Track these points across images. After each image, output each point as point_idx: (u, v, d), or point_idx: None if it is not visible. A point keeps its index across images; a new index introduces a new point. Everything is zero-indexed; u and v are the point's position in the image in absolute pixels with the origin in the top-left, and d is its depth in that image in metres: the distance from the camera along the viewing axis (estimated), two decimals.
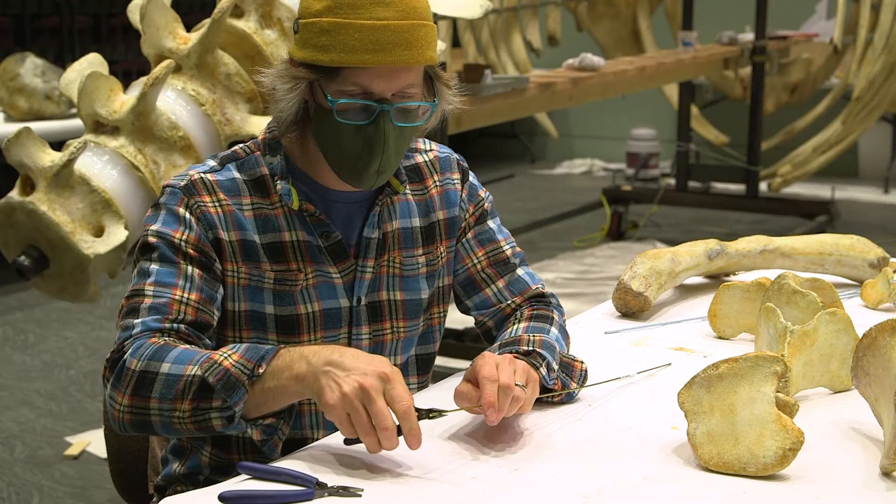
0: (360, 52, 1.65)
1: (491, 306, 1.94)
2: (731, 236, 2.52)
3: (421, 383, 1.93)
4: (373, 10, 1.65)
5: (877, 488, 1.48)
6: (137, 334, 1.65)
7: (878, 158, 8.37)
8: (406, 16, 1.66)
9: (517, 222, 7.02)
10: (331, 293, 1.78)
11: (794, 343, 1.75)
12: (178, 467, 1.86)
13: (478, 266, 1.93)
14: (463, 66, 4.22)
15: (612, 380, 1.86)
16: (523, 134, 9.79)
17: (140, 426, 1.62)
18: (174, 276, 1.69)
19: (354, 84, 1.67)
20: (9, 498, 3.45)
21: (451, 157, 1.96)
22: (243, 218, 1.75)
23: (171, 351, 1.60)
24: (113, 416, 1.63)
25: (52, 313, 5.31)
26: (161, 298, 1.68)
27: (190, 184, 1.75)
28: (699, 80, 7.52)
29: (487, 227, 1.96)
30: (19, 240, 3.00)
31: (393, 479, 1.50)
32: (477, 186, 1.97)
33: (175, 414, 1.58)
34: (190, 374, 1.56)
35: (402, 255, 1.85)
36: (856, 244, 2.44)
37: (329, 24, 1.65)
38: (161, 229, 1.72)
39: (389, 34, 1.65)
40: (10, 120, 5.27)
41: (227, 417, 1.55)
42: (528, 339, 1.79)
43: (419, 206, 1.89)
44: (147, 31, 3.14)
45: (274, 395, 1.56)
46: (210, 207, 1.73)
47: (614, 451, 1.60)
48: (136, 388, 1.59)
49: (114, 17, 6.87)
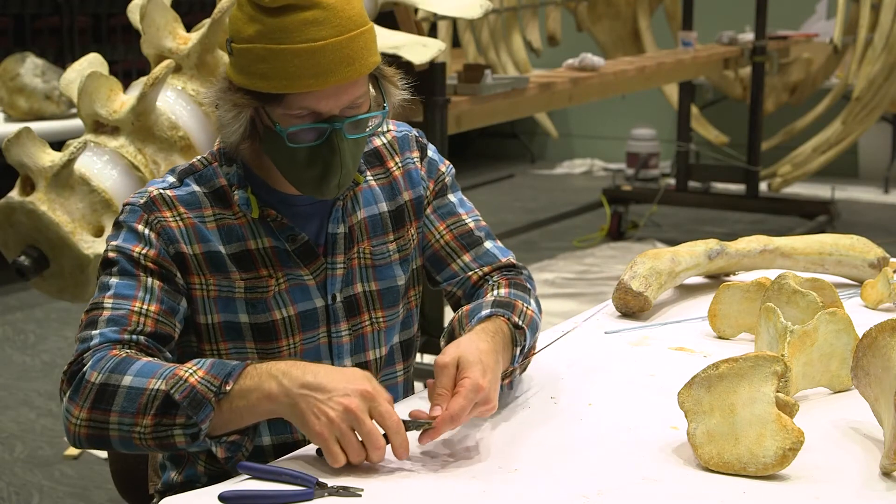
0: (302, 78, 1.60)
1: (457, 276, 1.90)
2: (731, 236, 2.51)
3: (406, 370, 1.91)
4: (307, 32, 1.59)
5: (877, 488, 1.48)
6: (96, 346, 1.62)
7: (878, 158, 8.37)
8: (342, 30, 1.61)
9: (517, 222, 7.02)
10: (304, 295, 1.76)
11: (794, 343, 1.75)
12: (176, 476, 1.85)
13: (441, 241, 1.89)
14: (463, 66, 4.22)
15: (546, 346, 1.89)
16: (523, 134, 9.79)
17: (97, 441, 1.58)
18: (133, 289, 1.67)
19: (301, 108, 1.63)
20: (9, 498, 3.45)
21: (409, 134, 1.91)
22: (206, 230, 1.73)
23: (134, 364, 1.57)
24: (68, 429, 1.59)
25: (52, 313, 5.31)
26: (120, 310, 1.65)
27: (150, 200, 1.72)
28: (699, 80, 7.52)
29: (448, 200, 1.92)
30: (19, 240, 3.00)
31: (393, 479, 1.50)
32: (437, 161, 1.93)
33: (136, 429, 1.55)
34: (154, 389, 1.54)
35: (372, 244, 1.82)
36: (856, 244, 2.44)
37: (264, 50, 1.60)
38: (121, 244, 1.70)
39: (330, 54, 1.60)
40: (10, 120, 5.28)
41: (191, 435, 1.53)
42: (521, 309, 1.77)
43: (384, 189, 1.86)
44: (147, 31, 3.14)
45: (242, 413, 1.54)
46: (171, 222, 1.71)
47: (614, 451, 1.60)
48: (95, 402, 1.56)
49: (114, 17, 6.87)
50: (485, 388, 1.58)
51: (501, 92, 4.20)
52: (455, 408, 1.55)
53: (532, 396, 1.81)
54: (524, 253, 6.40)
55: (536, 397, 1.80)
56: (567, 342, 2.07)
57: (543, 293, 5.57)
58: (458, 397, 1.56)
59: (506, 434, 1.65)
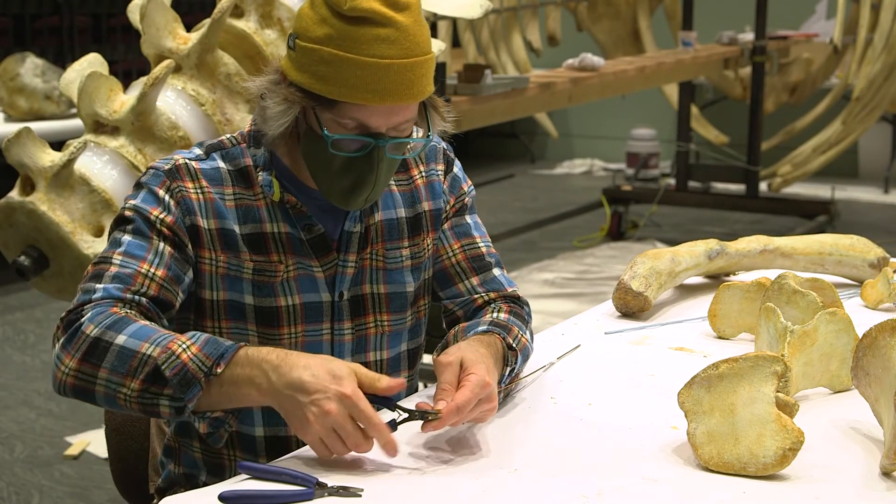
0: (361, 91, 1.61)
1: (462, 297, 1.91)
2: (731, 236, 2.52)
3: (410, 377, 1.92)
4: (377, 48, 1.61)
5: (877, 488, 1.48)
6: (98, 300, 1.63)
7: (878, 158, 8.37)
8: (409, 53, 1.62)
9: (517, 222, 7.02)
10: (312, 286, 1.77)
11: (794, 343, 1.75)
12: (175, 468, 1.86)
13: (452, 259, 1.90)
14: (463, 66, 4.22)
15: (532, 373, 1.88)
16: (523, 134, 9.79)
17: (82, 392, 1.59)
18: (144, 250, 1.68)
19: (351, 118, 1.65)
20: (9, 498, 3.45)
21: (438, 146, 1.93)
22: (224, 207, 1.74)
23: (130, 325, 1.58)
24: (56, 377, 1.60)
25: (52, 313, 5.31)
26: (127, 269, 1.66)
27: (174, 168, 1.74)
28: (699, 80, 7.52)
29: (465, 221, 1.93)
30: (19, 240, 3.00)
31: (393, 479, 1.50)
32: (461, 179, 1.94)
33: (122, 390, 1.56)
34: (145, 354, 1.54)
35: (386, 247, 1.83)
36: (856, 244, 2.44)
37: (330, 55, 1.62)
38: (139, 205, 1.71)
39: (393, 74, 1.61)
40: (10, 120, 5.28)
41: (176, 409, 1.55)
42: (517, 334, 1.79)
43: (404, 196, 1.87)
44: (147, 31, 3.14)
45: (230, 398, 1.56)
46: (191, 193, 1.73)
47: (614, 451, 1.60)
48: (86, 354, 1.57)
49: (114, 17, 6.87)
50: (490, 384, 1.59)
51: (501, 92, 4.21)
52: (461, 400, 1.55)
53: (532, 396, 1.81)
54: (524, 253, 6.40)
55: (536, 397, 1.80)
56: (567, 342, 2.07)
57: (543, 293, 5.57)
58: (465, 390, 1.57)
59: (506, 434, 1.65)
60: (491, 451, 1.59)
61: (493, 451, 1.59)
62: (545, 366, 1.92)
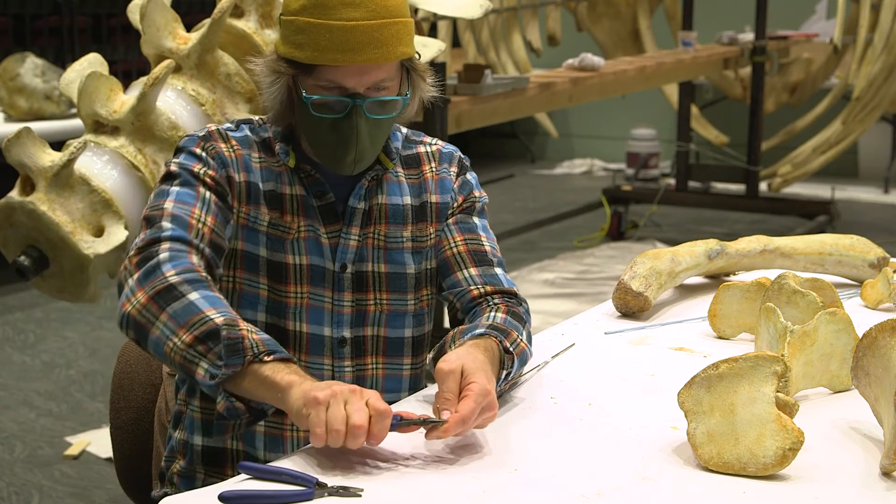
0: (331, 52, 1.75)
1: (460, 287, 1.93)
2: (731, 236, 2.52)
3: (415, 365, 1.94)
4: (343, 11, 1.74)
5: (877, 488, 1.48)
6: (168, 238, 1.71)
7: (878, 158, 8.37)
8: (375, 15, 1.75)
9: (517, 222, 7.03)
10: (318, 250, 1.86)
11: (794, 343, 1.75)
12: (178, 434, 1.90)
13: (454, 249, 1.95)
14: (463, 66, 4.22)
15: (527, 372, 1.89)
16: (523, 134, 9.79)
17: (139, 329, 1.66)
18: (193, 198, 1.79)
19: (328, 80, 1.78)
20: (9, 498, 3.45)
21: (455, 153, 2.02)
22: (252, 166, 1.86)
23: (207, 290, 1.66)
24: (122, 307, 1.67)
25: (52, 313, 5.31)
26: (181, 214, 1.76)
27: (207, 133, 1.87)
28: (699, 80, 7.52)
29: (472, 220, 1.98)
30: (19, 240, 3.00)
31: (393, 479, 1.50)
32: (473, 184, 2.00)
33: (173, 338, 1.62)
34: (209, 316, 1.61)
35: (389, 229, 1.91)
36: (856, 244, 2.44)
37: (304, 23, 1.76)
38: (182, 161, 1.83)
39: (359, 34, 1.74)
40: (10, 120, 5.28)
41: (211, 374, 1.58)
42: (515, 338, 1.80)
43: (412, 187, 1.95)
44: (147, 31, 3.14)
45: (260, 391, 1.58)
46: (224, 151, 1.85)
47: (614, 451, 1.60)
48: (158, 294, 1.65)
49: (114, 17, 6.87)
50: (491, 392, 1.60)
51: (501, 92, 4.21)
52: (466, 411, 1.57)
53: (532, 396, 1.81)
54: (524, 253, 6.40)
55: (536, 397, 1.81)
56: (567, 343, 2.07)
57: (543, 293, 5.57)
58: (468, 400, 1.58)
59: (506, 434, 1.65)
60: (491, 451, 1.60)
61: (493, 451, 1.59)
62: (539, 365, 1.93)
